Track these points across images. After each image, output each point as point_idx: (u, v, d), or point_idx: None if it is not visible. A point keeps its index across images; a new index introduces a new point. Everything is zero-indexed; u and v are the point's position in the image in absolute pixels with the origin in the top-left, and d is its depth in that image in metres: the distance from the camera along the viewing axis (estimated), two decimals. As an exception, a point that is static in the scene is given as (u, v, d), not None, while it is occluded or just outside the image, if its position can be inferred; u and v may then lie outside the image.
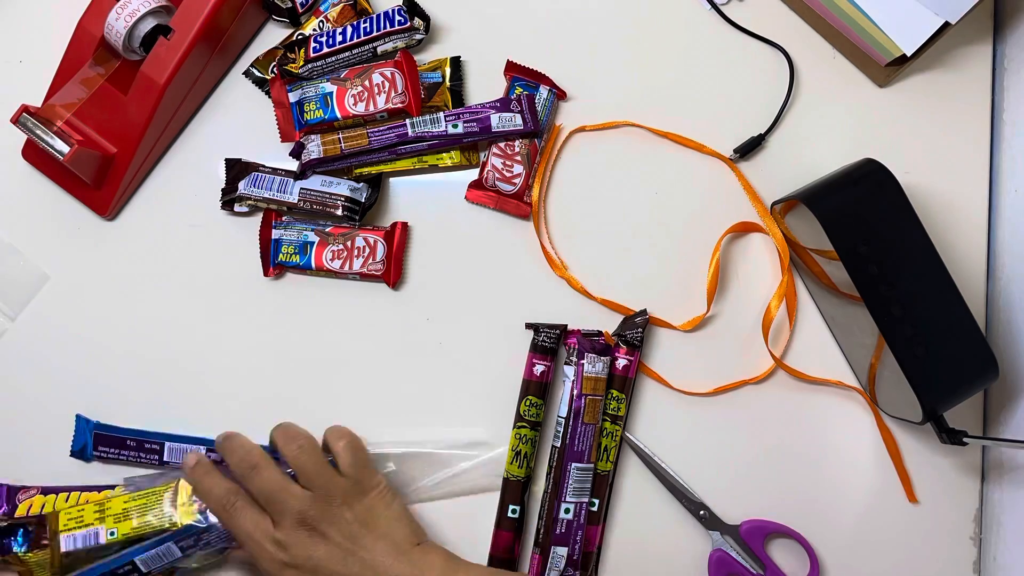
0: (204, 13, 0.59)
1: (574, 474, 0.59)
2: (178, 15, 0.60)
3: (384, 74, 0.62)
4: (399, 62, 0.63)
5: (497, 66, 0.65)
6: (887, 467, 0.63)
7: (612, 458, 0.61)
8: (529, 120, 0.63)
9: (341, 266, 0.62)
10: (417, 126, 0.62)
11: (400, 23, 0.63)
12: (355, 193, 0.63)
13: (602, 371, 0.60)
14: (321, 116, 0.62)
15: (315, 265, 0.62)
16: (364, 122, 0.63)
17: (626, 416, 0.62)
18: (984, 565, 0.63)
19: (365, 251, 0.62)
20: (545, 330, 0.61)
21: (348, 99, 0.62)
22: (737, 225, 0.64)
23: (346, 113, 0.62)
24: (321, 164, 0.62)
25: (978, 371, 0.56)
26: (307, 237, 0.63)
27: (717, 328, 0.64)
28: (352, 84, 0.62)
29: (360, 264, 0.62)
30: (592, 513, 0.60)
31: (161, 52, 0.60)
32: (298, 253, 0.62)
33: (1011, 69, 0.66)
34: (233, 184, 0.63)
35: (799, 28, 0.67)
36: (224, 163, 0.64)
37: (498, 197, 0.64)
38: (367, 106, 0.62)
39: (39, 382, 0.63)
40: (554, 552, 0.59)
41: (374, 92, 0.62)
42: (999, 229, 0.65)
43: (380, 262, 0.63)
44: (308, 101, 0.63)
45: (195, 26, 0.59)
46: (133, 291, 0.64)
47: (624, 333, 0.62)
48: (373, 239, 0.63)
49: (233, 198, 0.63)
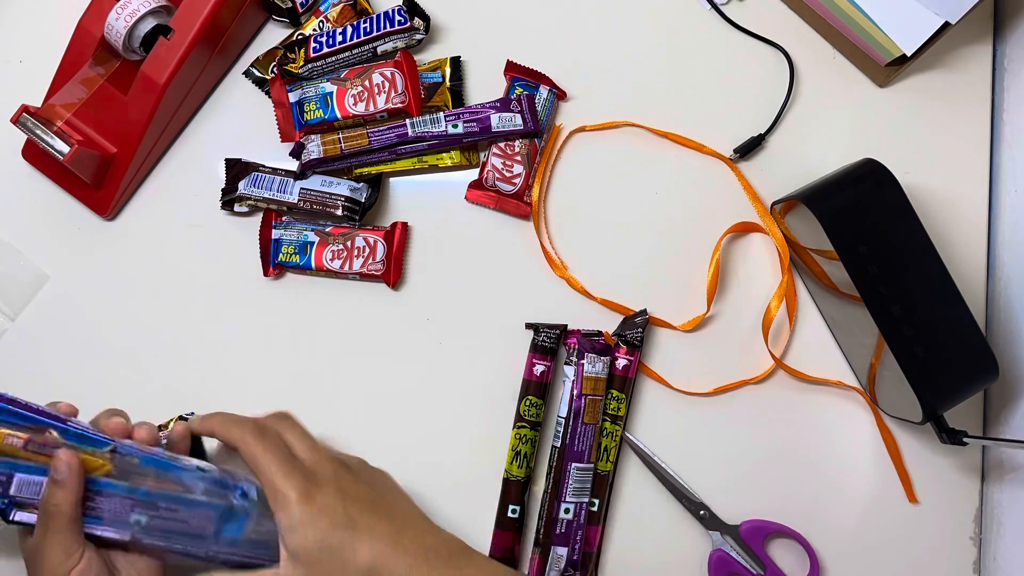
0: (204, 13, 0.60)
1: (574, 474, 0.59)
2: (178, 15, 0.60)
3: (384, 74, 0.62)
4: (399, 62, 0.63)
5: (497, 66, 0.65)
6: (887, 467, 0.63)
7: (612, 458, 0.61)
8: (529, 120, 0.63)
9: (341, 266, 0.62)
10: (417, 126, 0.62)
11: (400, 23, 0.63)
12: (355, 193, 0.63)
13: (602, 371, 0.60)
14: (321, 116, 0.62)
15: (315, 265, 0.62)
16: (364, 122, 0.63)
17: (626, 416, 0.62)
18: (984, 565, 0.63)
19: (365, 251, 0.62)
20: (545, 330, 0.61)
21: (348, 99, 0.62)
22: (737, 225, 0.64)
23: (346, 113, 0.62)
24: (321, 164, 0.62)
25: (978, 371, 0.56)
26: (307, 237, 0.63)
27: (717, 328, 0.64)
28: (352, 84, 0.62)
29: (360, 264, 0.62)
30: (592, 513, 0.60)
31: (161, 52, 0.60)
32: (298, 253, 0.62)
33: (1011, 69, 0.66)
34: (233, 184, 0.63)
35: (799, 28, 0.67)
36: (224, 163, 0.64)
37: (498, 197, 0.64)
38: (367, 106, 0.62)
39: (38, 381, 0.62)
40: (554, 552, 0.59)
41: (374, 92, 0.62)
42: (999, 229, 0.65)
43: (380, 262, 0.63)
44: (308, 101, 0.63)
45: (195, 26, 0.60)
46: (133, 291, 0.64)
47: (624, 333, 0.62)
48: (373, 239, 0.63)
49: (233, 198, 0.63)
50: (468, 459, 0.62)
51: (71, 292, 0.64)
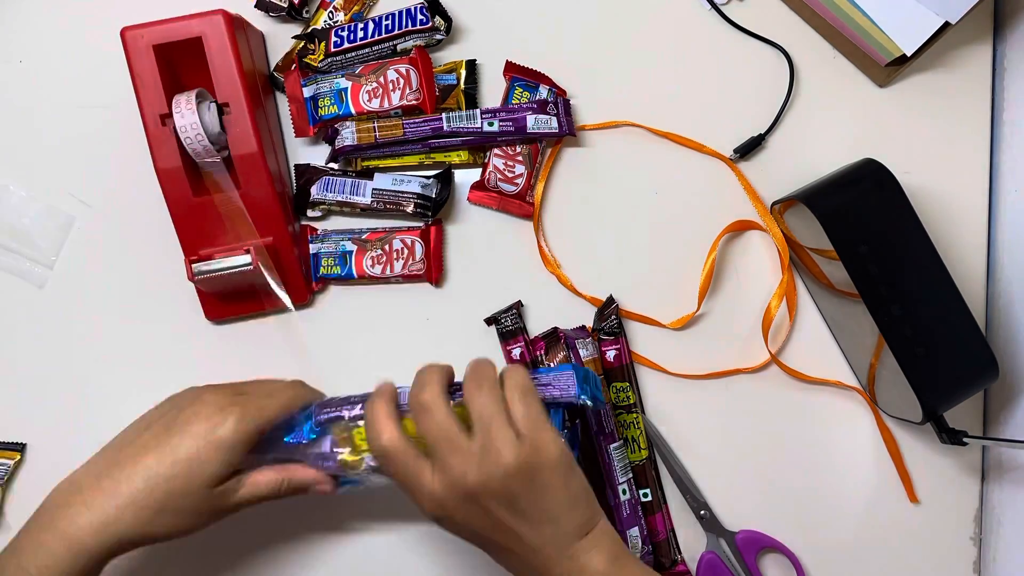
0: (234, 70, 0.59)
1: (616, 456, 0.60)
2: (218, 89, 0.59)
3: (399, 71, 0.62)
4: (414, 59, 0.63)
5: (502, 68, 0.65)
6: (887, 467, 0.63)
7: (643, 445, 0.62)
8: (565, 123, 0.63)
9: (382, 271, 0.62)
10: (453, 121, 0.62)
11: (421, 22, 0.63)
12: (426, 189, 0.62)
13: (594, 352, 0.61)
14: (335, 112, 0.62)
15: (356, 273, 0.62)
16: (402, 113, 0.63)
17: (639, 400, 0.63)
18: (984, 565, 0.63)
19: (404, 253, 0.62)
20: (502, 316, 0.62)
21: (363, 95, 0.62)
22: (734, 224, 0.64)
23: (360, 109, 0.62)
24: (355, 151, 0.62)
25: (978, 371, 0.56)
26: (344, 247, 0.62)
27: (717, 328, 0.64)
28: (367, 80, 0.62)
29: (401, 266, 0.62)
30: (648, 503, 0.61)
31: (235, 128, 0.59)
32: (338, 264, 0.62)
33: (1011, 69, 0.65)
34: (305, 190, 0.63)
35: (799, 28, 0.66)
36: (293, 169, 0.64)
37: (500, 198, 0.64)
38: (381, 102, 0.62)
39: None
40: (629, 536, 0.60)
41: (388, 88, 0.62)
42: (999, 229, 0.65)
43: (420, 261, 0.62)
44: (322, 96, 0.62)
45: (237, 84, 0.59)
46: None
47: (601, 326, 0.62)
48: (411, 240, 0.63)
49: (306, 204, 0.63)
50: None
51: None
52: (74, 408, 0.63)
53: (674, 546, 0.62)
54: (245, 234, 0.60)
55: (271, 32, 0.66)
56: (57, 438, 0.63)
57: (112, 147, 0.64)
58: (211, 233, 0.60)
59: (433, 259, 0.63)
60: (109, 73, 0.62)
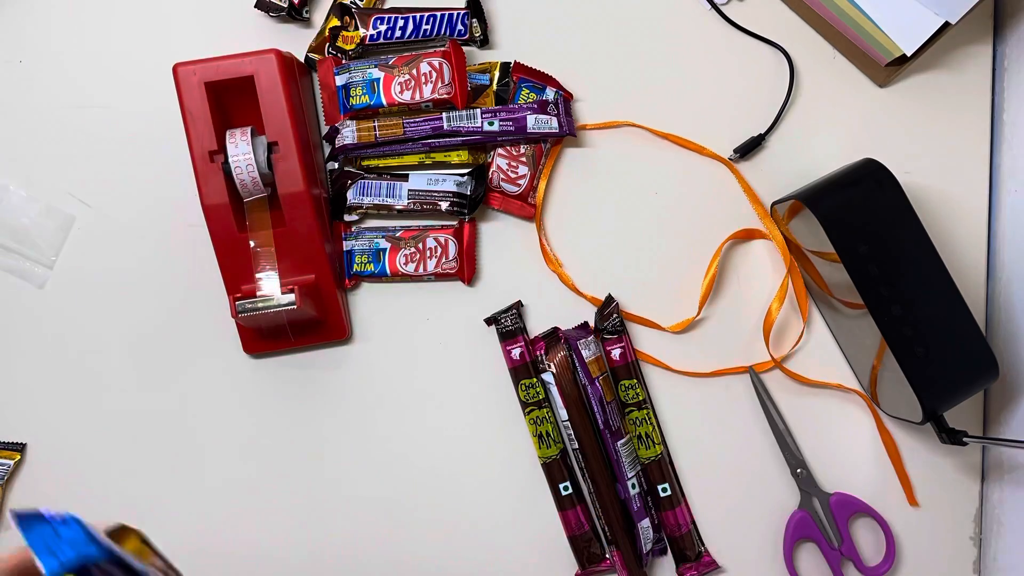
0: (284, 107, 0.58)
1: (623, 452, 0.60)
2: (268, 128, 0.58)
3: (432, 64, 0.61)
4: (447, 52, 0.62)
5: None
6: (888, 469, 0.63)
7: (657, 440, 0.62)
8: (565, 124, 0.63)
9: (416, 269, 0.62)
10: (453, 120, 0.61)
11: (460, 32, 0.63)
12: (461, 187, 0.62)
13: (597, 350, 0.61)
14: (367, 102, 0.62)
15: (390, 271, 0.62)
16: (409, 110, 0.62)
17: (648, 396, 0.63)
18: (984, 565, 0.63)
19: (437, 251, 0.62)
20: (502, 316, 0.62)
21: (395, 87, 0.61)
22: (739, 233, 0.64)
23: (392, 100, 0.61)
24: (355, 150, 0.62)
25: (978, 371, 0.56)
26: (378, 244, 0.62)
27: (717, 330, 0.64)
28: (399, 72, 0.61)
29: (434, 264, 0.62)
30: (666, 498, 0.61)
31: (283, 166, 0.59)
32: (371, 261, 0.62)
33: (1011, 69, 0.65)
34: (341, 194, 0.63)
35: (799, 28, 0.66)
36: (327, 174, 0.64)
37: (503, 198, 0.64)
38: (413, 95, 0.61)
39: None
40: (639, 528, 0.60)
41: (421, 81, 0.61)
42: (999, 229, 0.65)
43: (454, 260, 0.62)
44: (355, 86, 0.62)
45: (286, 122, 0.58)
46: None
47: (604, 325, 0.62)
48: (444, 238, 0.62)
49: (343, 208, 0.63)
50: (486, 460, 0.63)
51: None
52: (74, 408, 0.63)
53: (698, 539, 0.62)
54: (282, 270, 0.59)
55: (271, 32, 0.66)
56: (57, 438, 0.63)
57: (112, 147, 0.64)
58: (250, 269, 0.59)
59: (466, 258, 0.63)
60: (119, 78, 0.62)
